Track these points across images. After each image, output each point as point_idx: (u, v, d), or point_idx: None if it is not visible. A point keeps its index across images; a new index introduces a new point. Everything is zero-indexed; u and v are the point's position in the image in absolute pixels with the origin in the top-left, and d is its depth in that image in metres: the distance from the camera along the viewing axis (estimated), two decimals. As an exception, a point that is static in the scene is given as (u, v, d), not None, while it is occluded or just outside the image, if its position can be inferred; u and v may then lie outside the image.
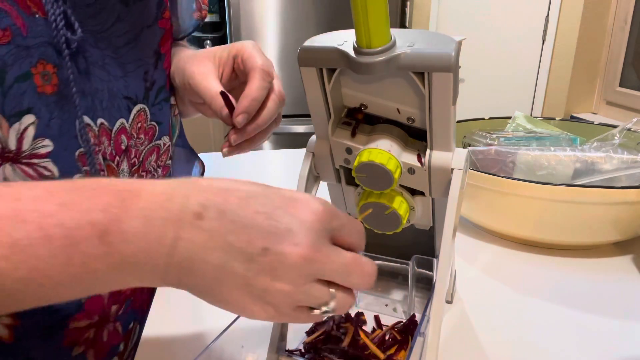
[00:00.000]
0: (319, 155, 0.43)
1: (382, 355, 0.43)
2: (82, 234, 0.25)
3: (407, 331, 0.46)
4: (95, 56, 0.42)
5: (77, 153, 0.40)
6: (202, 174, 0.61)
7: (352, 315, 0.49)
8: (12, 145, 0.36)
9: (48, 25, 0.37)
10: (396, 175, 0.38)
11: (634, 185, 0.57)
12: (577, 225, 0.60)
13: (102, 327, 0.44)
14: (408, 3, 2.72)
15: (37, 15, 0.37)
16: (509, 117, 0.85)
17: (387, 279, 0.54)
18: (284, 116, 2.54)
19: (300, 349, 0.44)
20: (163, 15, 0.49)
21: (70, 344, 0.42)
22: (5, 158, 0.36)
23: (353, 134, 0.41)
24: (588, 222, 0.59)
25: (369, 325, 0.48)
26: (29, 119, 0.36)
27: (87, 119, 0.40)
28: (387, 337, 0.46)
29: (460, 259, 0.62)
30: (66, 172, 0.39)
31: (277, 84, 0.46)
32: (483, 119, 0.85)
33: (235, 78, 0.49)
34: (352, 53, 0.34)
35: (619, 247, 0.65)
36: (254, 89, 0.43)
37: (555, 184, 0.57)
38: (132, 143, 0.46)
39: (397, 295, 0.52)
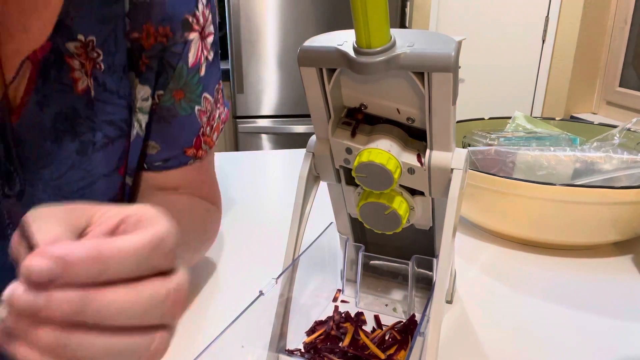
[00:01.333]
0: (319, 155, 0.43)
1: (382, 355, 0.43)
2: None
3: (407, 331, 0.46)
4: (44, 202, 0.43)
5: None
6: None
7: (352, 315, 0.49)
8: None
9: None
10: (396, 175, 0.38)
11: (634, 185, 0.57)
12: (577, 225, 0.60)
13: None
14: (408, 3, 2.72)
15: None
16: (509, 117, 0.85)
17: (387, 279, 0.54)
18: (285, 116, 2.54)
19: (300, 349, 0.45)
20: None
21: None
22: None
23: (353, 134, 0.41)
24: (588, 222, 0.59)
25: (369, 325, 0.48)
26: None
27: None
28: (387, 337, 0.46)
29: (460, 259, 0.62)
30: None
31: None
32: (483, 119, 0.85)
33: None
34: (352, 53, 0.34)
35: (619, 247, 0.65)
36: (125, 238, 0.23)
37: (555, 184, 0.57)
38: None
39: (397, 295, 0.52)
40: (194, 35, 0.51)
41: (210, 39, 0.54)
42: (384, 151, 0.38)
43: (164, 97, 0.52)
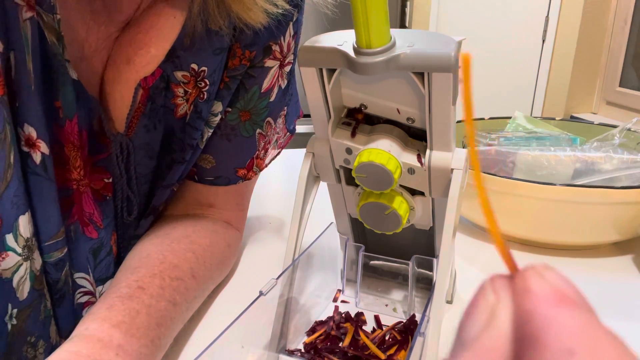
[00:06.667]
0: (319, 156, 0.43)
1: (382, 356, 0.43)
2: None
3: (407, 331, 0.46)
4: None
5: None
6: None
7: (352, 315, 0.49)
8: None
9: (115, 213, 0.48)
10: (396, 176, 0.38)
11: (634, 185, 0.57)
12: (577, 225, 0.60)
13: None
14: (408, 3, 2.72)
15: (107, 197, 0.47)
16: (509, 117, 0.85)
17: (387, 279, 0.54)
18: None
19: (300, 349, 0.45)
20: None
21: None
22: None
23: (353, 134, 0.41)
24: (588, 222, 0.59)
25: (369, 325, 0.48)
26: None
27: None
28: (387, 337, 0.46)
29: (460, 259, 0.62)
30: None
31: None
32: (483, 119, 0.85)
33: None
34: (351, 53, 0.34)
35: (619, 247, 0.65)
36: None
37: (555, 184, 0.57)
38: None
39: (397, 295, 0.52)
40: (273, 63, 0.52)
41: (287, 68, 0.54)
42: (384, 151, 0.38)
43: (231, 114, 0.52)
